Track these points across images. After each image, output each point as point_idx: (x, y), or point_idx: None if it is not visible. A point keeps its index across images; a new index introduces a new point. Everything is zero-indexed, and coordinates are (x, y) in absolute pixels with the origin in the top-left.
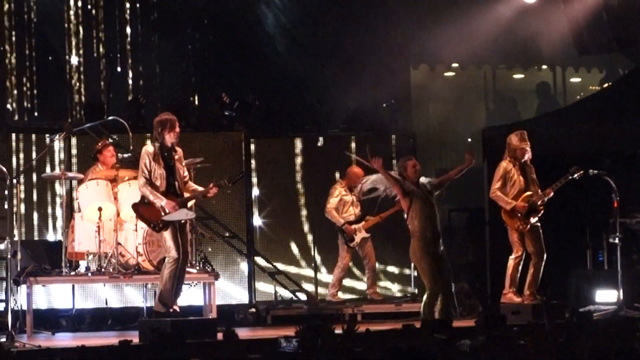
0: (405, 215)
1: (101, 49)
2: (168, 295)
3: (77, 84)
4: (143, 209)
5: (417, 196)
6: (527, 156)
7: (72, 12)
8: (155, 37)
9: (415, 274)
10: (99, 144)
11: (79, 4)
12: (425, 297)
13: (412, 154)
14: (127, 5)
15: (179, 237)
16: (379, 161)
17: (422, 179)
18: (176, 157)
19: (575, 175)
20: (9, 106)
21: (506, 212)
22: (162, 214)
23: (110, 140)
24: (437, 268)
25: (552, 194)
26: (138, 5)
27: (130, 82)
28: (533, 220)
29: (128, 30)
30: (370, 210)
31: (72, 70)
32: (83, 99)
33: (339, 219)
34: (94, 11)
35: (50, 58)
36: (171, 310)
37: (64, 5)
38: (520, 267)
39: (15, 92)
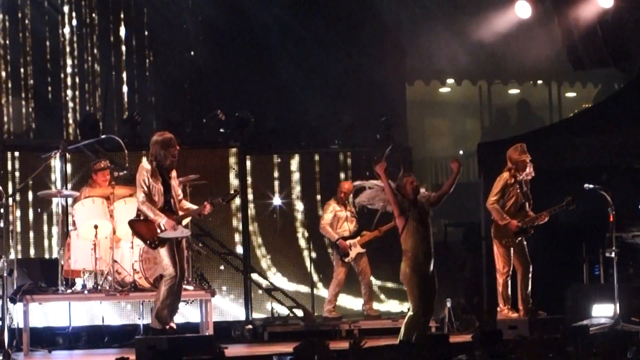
0: (400, 232)
1: (97, 67)
2: (165, 312)
3: (72, 102)
4: (139, 225)
5: (413, 216)
6: (529, 169)
7: (67, 30)
8: (150, 55)
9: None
10: (96, 165)
11: (74, 22)
12: (407, 317)
13: (408, 169)
14: (122, 23)
15: (176, 254)
16: (382, 165)
17: (422, 191)
18: (172, 175)
19: (570, 208)
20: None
21: (497, 226)
22: (159, 231)
23: (105, 164)
24: (426, 289)
25: (546, 219)
26: (132, 23)
27: (125, 99)
28: (520, 238)
29: (123, 48)
30: (367, 225)
31: (68, 89)
32: (78, 117)
33: (333, 235)
34: (88, 29)
35: (49, 79)
36: (167, 327)
37: (59, 24)
38: (509, 283)
39: (10, 110)
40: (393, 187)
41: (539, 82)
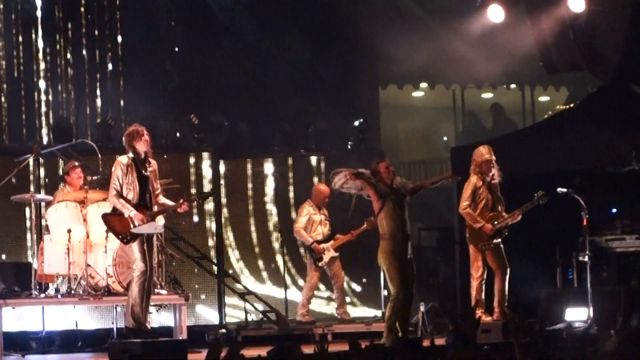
0: (377, 214)
1: (70, 71)
2: (139, 309)
3: (45, 106)
4: (113, 219)
5: (390, 198)
6: (494, 171)
7: (39, 34)
8: (119, 61)
9: (385, 293)
10: (67, 166)
11: (46, 27)
12: (390, 301)
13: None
14: (94, 28)
15: (146, 250)
16: (350, 172)
17: (398, 180)
18: (150, 169)
19: (541, 202)
20: None
21: (472, 230)
22: (132, 226)
23: (78, 163)
24: (404, 272)
25: (519, 218)
26: (105, 29)
27: (98, 104)
28: (496, 241)
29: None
30: (340, 229)
31: (40, 93)
32: (51, 121)
33: (307, 238)
34: (61, 35)
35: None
36: (143, 327)
37: (32, 29)
38: (483, 287)
39: None
40: (367, 175)
41: (512, 86)
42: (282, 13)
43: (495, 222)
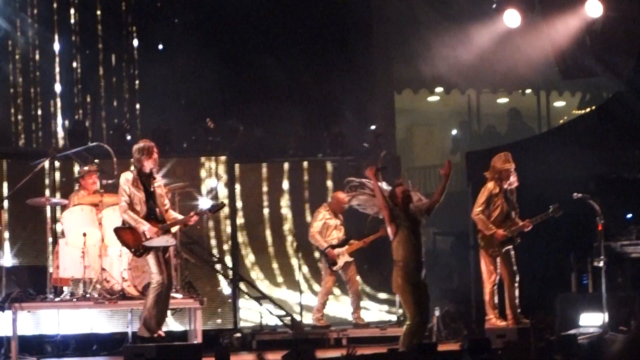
0: (392, 239)
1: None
2: (153, 320)
3: (61, 110)
4: (124, 233)
5: (405, 225)
6: (513, 178)
7: (55, 38)
8: (136, 63)
9: (408, 317)
10: (82, 170)
11: (62, 30)
12: (406, 326)
13: (397, 178)
14: (103, 30)
15: (162, 262)
16: (372, 169)
17: (416, 198)
18: (156, 184)
19: (555, 215)
20: None
21: (484, 236)
22: (143, 239)
23: (94, 167)
24: (419, 297)
25: (529, 227)
26: (122, 30)
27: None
28: (506, 247)
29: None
30: (355, 234)
31: (56, 97)
32: (67, 124)
33: (322, 243)
34: (77, 37)
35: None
36: (156, 335)
37: (49, 32)
38: (496, 292)
39: None
40: (385, 192)
41: (528, 91)
42: (298, 18)
43: (507, 230)
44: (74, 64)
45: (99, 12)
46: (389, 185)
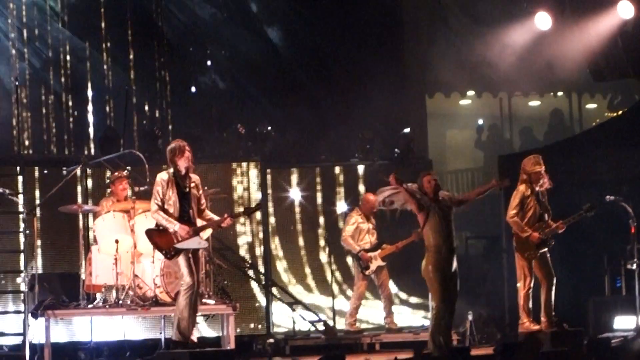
0: (422, 227)
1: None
2: (186, 323)
3: (93, 117)
4: (156, 235)
5: (434, 211)
6: (543, 181)
7: (86, 45)
8: (166, 69)
9: (434, 304)
10: (112, 175)
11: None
12: (433, 316)
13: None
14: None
15: (193, 264)
16: (392, 177)
17: (443, 193)
18: (192, 184)
19: (588, 214)
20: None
21: (519, 239)
22: (175, 241)
23: (125, 173)
24: (446, 286)
25: (564, 229)
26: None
27: (147, 113)
28: (542, 250)
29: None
30: (387, 239)
31: (88, 103)
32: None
33: (354, 247)
34: (108, 44)
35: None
36: (189, 341)
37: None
38: (530, 296)
39: (29, 124)
40: (411, 189)
41: (560, 93)
42: (330, 22)
43: (541, 232)
44: (105, 70)
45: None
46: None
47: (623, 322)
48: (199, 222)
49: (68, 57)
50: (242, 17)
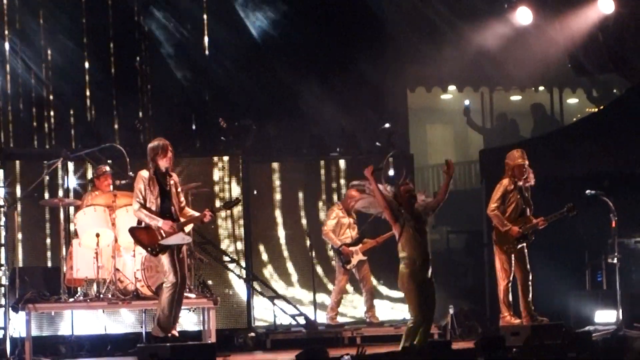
0: (397, 239)
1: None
2: (167, 319)
3: (74, 111)
4: (140, 232)
5: (410, 224)
6: (528, 175)
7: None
8: (147, 66)
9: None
10: (98, 170)
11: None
12: (408, 325)
13: (408, 176)
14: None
15: (176, 261)
16: (369, 169)
17: (419, 201)
18: (171, 182)
19: (570, 214)
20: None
21: (499, 233)
22: (159, 237)
23: (109, 169)
24: (424, 296)
25: (544, 226)
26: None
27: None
28: (521, 245)
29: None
30: (368, 233)
31: (69, 97)
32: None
33: (336, 241)
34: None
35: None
36: (169, 335)
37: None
38: (510, 290)
39: (10, 118)
40: (384, 193)
41: (541, 88)
42: (310, 17)
43: (522, 227)
44: (86, 64)
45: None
46: (390, 182)
47: (604, 316)
48: (181, 220)
49: (49, 51)
50: (224, 9)
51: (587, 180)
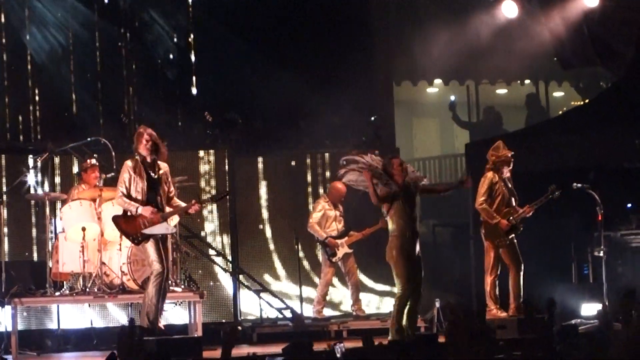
0: (386, 214)
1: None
2: (154, 310)
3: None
4: (123, 221)
5: (398, 197)
6: (511, 166)
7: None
8: (133, 58)
9: (399, 287)
10: (85, 164)
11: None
12: (396, 299)
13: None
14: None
15: (162, 251)
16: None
17: (410, 173)
18: (160, 172)
19: (555, 195)
20: None
21: (487, 227)
22: (142, 227)
23: (95, 162)
24: (412, 270)
25: (531, 212)
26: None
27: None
28: (511, 237)
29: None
30: (354, 226)
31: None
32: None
33: (321, 233)
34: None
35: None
36: (157, 328)
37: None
38: (497, 284)
39: None
40: (373, 164)
41: (527, 81)
42: (296, 10)
43: (511, 218)
44: (73, 58)
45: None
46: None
47: (590, 310)
48: (168, 210)
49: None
50: (210, 3)
51: (573, 174)
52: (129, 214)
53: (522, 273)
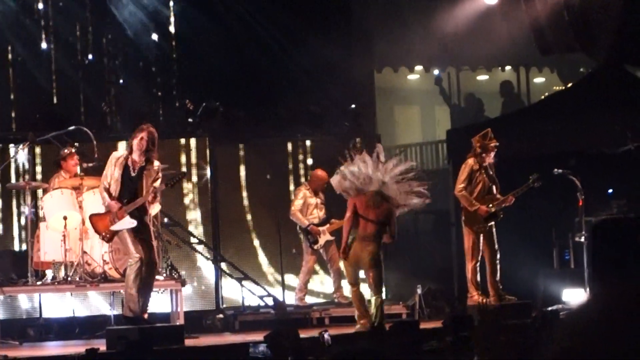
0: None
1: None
2: (134, 297)
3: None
4: (95, 219)
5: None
6: (493, 154)
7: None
8: (113, 47)
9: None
10: (63, 152)
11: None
12: (377, 300)
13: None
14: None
15: (137, 240)
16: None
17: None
18: (145, 170)
19: (536, 184)
20: None
21: (467, 213)
22: (111, 224)
23: (75, 149)
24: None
25: (512, 201)
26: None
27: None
28: (490, 224)
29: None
30: (335, 213)
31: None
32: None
33: (303, 221)
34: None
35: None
36: (140, 316)
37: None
38: (478, 269)
39: None
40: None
41: (507, 67)
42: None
43: (490, 205)
44: (52, 45)
45: None
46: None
47: (571, 295)
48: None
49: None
50: None
51: (554, 159)
52: (101, 212)
53: (497, 261)
